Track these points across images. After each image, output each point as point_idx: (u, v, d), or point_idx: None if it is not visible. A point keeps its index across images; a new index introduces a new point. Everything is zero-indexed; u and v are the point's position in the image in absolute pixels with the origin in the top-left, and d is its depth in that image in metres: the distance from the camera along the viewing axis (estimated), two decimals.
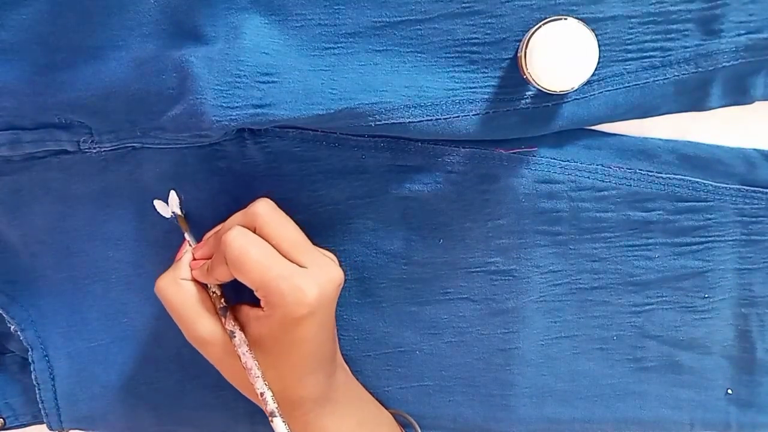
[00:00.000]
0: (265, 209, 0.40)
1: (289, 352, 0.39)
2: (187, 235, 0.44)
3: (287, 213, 0.41)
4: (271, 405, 0.39)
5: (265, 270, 0.38)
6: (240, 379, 0.42)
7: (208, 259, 0.42)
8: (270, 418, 0.39)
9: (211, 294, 0.42)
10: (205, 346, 0.41)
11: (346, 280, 0.42)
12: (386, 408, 0.48)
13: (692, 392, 0.49)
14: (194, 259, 0.42)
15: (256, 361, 0.39)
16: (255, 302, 0.40)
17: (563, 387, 0.49)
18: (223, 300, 0.41)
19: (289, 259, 0.39)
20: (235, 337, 0.40)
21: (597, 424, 0.50)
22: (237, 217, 0.41)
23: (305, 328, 0.38)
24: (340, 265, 0.41)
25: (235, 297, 0.43)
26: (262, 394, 0.39)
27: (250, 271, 0.38)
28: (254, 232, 0.39)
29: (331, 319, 0.41)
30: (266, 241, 0.39)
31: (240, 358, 0.40)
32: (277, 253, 0.39)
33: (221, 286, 0.42)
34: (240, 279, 0.39)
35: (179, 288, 0.41)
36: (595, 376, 0.49)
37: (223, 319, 0.41)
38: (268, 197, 0.41)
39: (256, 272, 0.38)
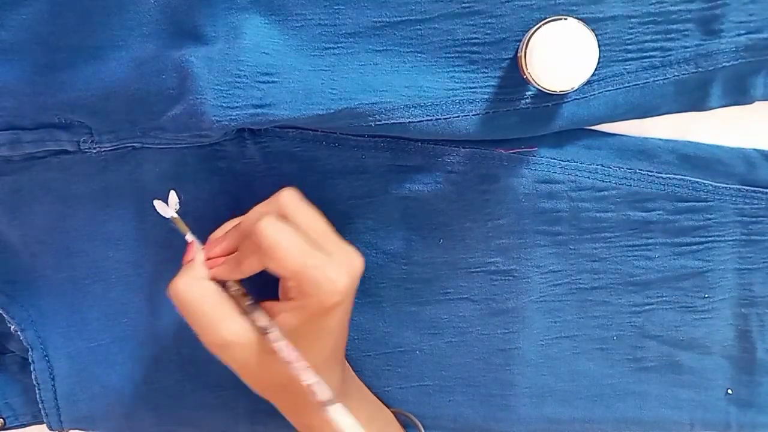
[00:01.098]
0: (291, 198, 0.39)
1: (317, 343, 0.39)
2: (189, 236, 0.43)
3: None
4: (327, 392, 0.37)
5: (299, 259, 0.37)
6: (265, 380, 0.41)
7: (225, 256, 0.41)
8: (326, 407, 0.37)
9: (233, 293, 0.40)
10: (229, 348, 0.39)
11: None
12: (388, 407, 0.48)
13: (692, 392, 0.49)
14: (208, 258, 0.41)
15: (297, 352, 0.38)
16: (271, 297, 0.40)
17: (563, 387, 0.49)
18: (249, 297, 0.40)
19: (317, 248, 0.38)
20: (271, 332, 0.38)
21: (597, 424, 0.50)
22: (262, 207, 0.40)
23: (334, 317, 0.38)
24: None
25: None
26: (312, 385, 0.37)
27: (284, 260, 0.36)
28: None
29: (351, 308, 0.41)
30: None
31: (281, 352, 0.38)
32: (308, 242, 0.38)
33: (241, 283, 0.41)
34: (272, 269, 0.37)
35: (201, 288, 0.39)
36: (595, 376, 0.49)
37: (252, 317, 0.39)
38: (293, 188, 0.40)
39: (291, 261, 0.37)
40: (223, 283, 0.40)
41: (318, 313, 0.38)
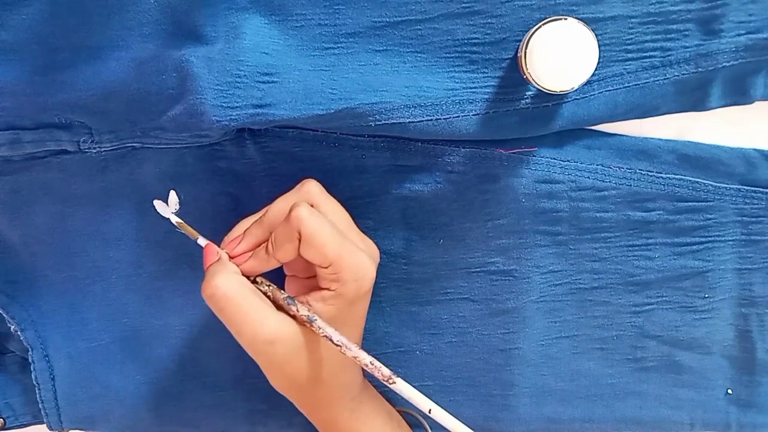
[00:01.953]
0: (317, 189, 0.40)
1: (350, 332, 0.39)
2: (201, 240, 0.42)
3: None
4: (386, 369, 0.37)
5: (338, 246, 0.37)
6: (301, 375, 0.40)
7: (249, 252, 0.40)
8: (390, 382, 0.37)
9: (266, 288, 0.40)
10: (274, 345, 0.38)
11: None
12: (393, 406, 0.48)
13: (692, 392, 0.49)
14: (233, 257, 0.40)
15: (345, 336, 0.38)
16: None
17: (563, 387, 0.49)
18: (284, 290, 0.40)
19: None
20: (315, 320, 0.38)
21: (597, 424, 0.50)
22: (287, 197, 0.40)
23: (364, 304, 0.39)
24: None
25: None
26: (371, 363, 0.37)
27: (325, 246, 0.37)
28: None
29: None
30: None
31: (331, 339, 0.37)
32: (341, 230, 0.38)
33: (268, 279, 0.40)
34: (311, 256, 0.37)
35: (239, 285, 0.38)
36: (595, 376, 0.49)
37: (293, 308, 0.38)
38: (314, 179, 0.40)
39: (331, 248, 0.37)
40: (254, 280, 0.40)
41: (354, 299, 0.38)
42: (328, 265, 0.37)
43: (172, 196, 0.45)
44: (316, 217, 0.37)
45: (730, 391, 0.49)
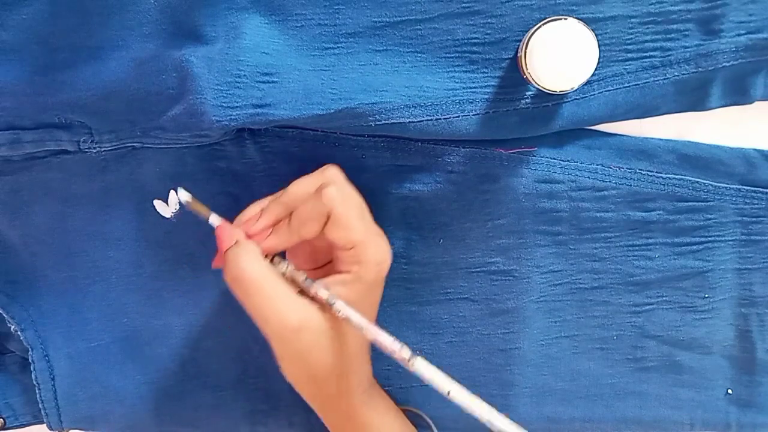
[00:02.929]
0: (338, 174, 0.39)
1: (369, 316, 0.39)
2: (214, 217, 0.40)
3: None
4: (407, 350, 0.37)
5: (363, 229, 0.37)
6: (320, 366, 0.39)
7: (268, 230, 0.39)
8: (410, 363, 0.37)
9: (285, 269, 0.39)
10: (300, 333, 0.37)
11: None
12: (398, 405, 0.48)
13: (692, 392, 0.49)
14: (250, 235, 0.39)
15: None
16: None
17: (563, 386, 0.49)
18: (304, 273, 0.39)
19: None
20: (336, 302, 0.37)
21: (597, 424, 0.50)
22: (310, 178, 0.39)
23: (380, 290, 0.39)
24: None
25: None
26: (391, 344, 0.37)
27: (352, 227, 0.37)
28: None
29: None
30: None
31: (352, 318, 0.37)
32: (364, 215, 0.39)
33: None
34: (337, 235, 0.37)
35: (262, 268, 0.37)
36: (595, 376, 0.49)
37: (312, 290, 0.38)
38: (337, 165, 0.40)
39: (356, 229, 0.37)
40: (271, 260, 0.39)
41: (373, 284, 0.38)
42: (352, 246, 0.37)
43: (172, 196, 0.45)
44: (347, 198, 0.38)
45: (730, 391, 0.49)
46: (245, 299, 0.37)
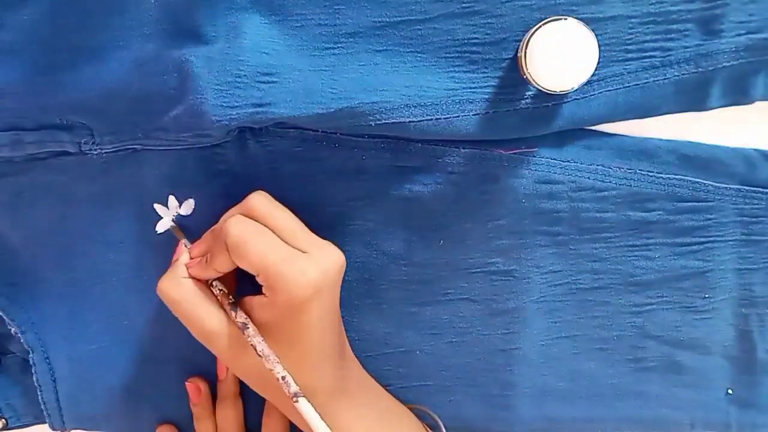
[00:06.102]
0: (260, 201, 0.41)
1: (296, 339, 0.39)
2: (184, 240, 0.44)
3: None
4: (294, 386, 0.39)
5: (265, 254, 0.38)
6: (246, 369, 0.42)
7: (202, 257, 0.42)
8: (294, 400, 0.39)
9: (217, 292, 0.42)
10: (213, 339, 0.41)
11: (345, 281, 0.42)
12: (404, 404, 0.48)
13: (692, 392, 0.49)
14: (191, 258, 0.43)
15: (271, 350, 0.40)
16: (257, 292, 0.41)
17: (564, 387, 0.49)
18: (231, 296, 0.42)
19: (288, 246, 0.39)
20: (248, 328, 0.40)
21: (597, 424, 0.50)
22: (233, 211, 0.41)
23: (309, 313, 0.38)
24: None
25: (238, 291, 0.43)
26: (283, 378, 0.39)
27: (250, 255, 0.38)
28: None
29: (335, 305, 0.41)
30: None
31: (255, 348, 0.40)
32: (277, 238, 0.39)
33: (223, 283, 0.42)
34: (241, 265, 0.39)
35: (181, 286, 0.41)
36: (595, 376, 0.49)
37: (232, 314, 0.41)
38: (263, 190, 0.42)
39: (257, 256, 0.38)
40: (210, 283, 0.42)
41: (290, 308, 0.38)
42: (258, 273, 0.38)
43: (172, 200, 0.45)
44: (242, 228, 0.39)
45: (730, 391, 0.49)
46: (172, 310, 0.42)
